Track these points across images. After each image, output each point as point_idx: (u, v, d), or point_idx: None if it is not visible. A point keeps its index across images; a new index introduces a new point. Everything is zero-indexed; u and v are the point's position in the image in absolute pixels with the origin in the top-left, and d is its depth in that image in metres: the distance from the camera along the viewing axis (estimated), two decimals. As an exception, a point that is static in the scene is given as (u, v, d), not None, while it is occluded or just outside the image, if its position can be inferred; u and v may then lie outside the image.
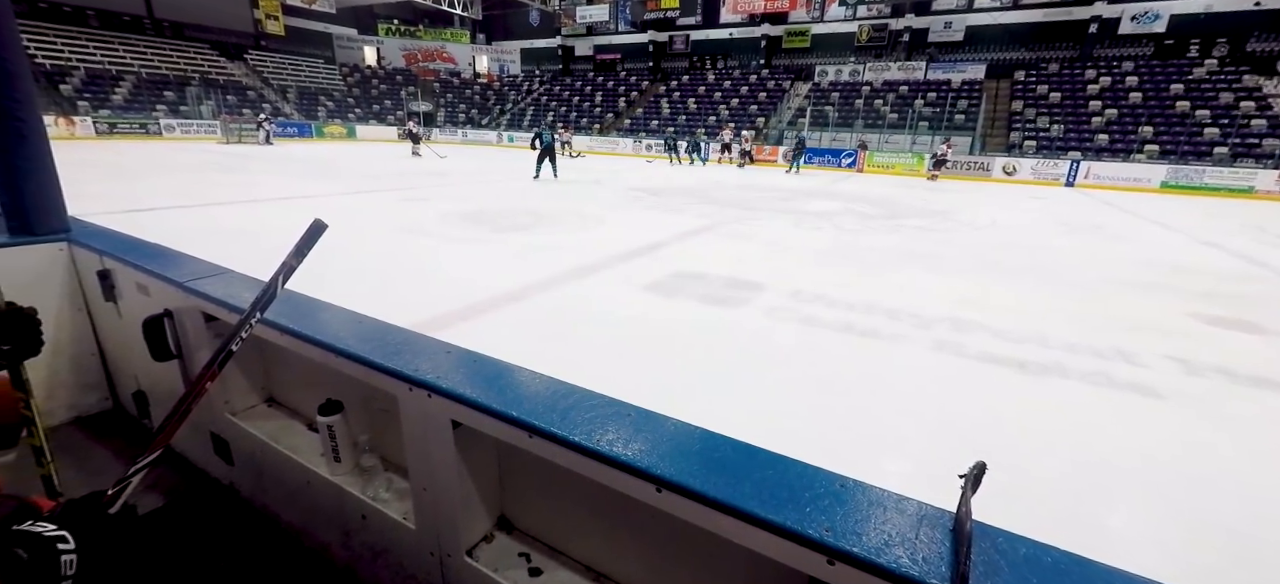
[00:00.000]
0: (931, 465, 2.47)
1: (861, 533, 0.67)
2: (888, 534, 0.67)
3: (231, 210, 8.12)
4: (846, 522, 0.69)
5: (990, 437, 2.78)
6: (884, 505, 0.72)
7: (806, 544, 0.67)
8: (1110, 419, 3.02)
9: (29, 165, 2.07)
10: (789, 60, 29.43)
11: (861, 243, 7.59)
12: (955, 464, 0.76)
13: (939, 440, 2.72)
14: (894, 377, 3.42)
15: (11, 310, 1.20)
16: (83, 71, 23.39)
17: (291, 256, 1.17)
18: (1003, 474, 2.38)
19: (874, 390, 3.25)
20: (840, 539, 0.66)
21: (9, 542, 0.78)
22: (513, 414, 0.97)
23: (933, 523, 0.69)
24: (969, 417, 2.98)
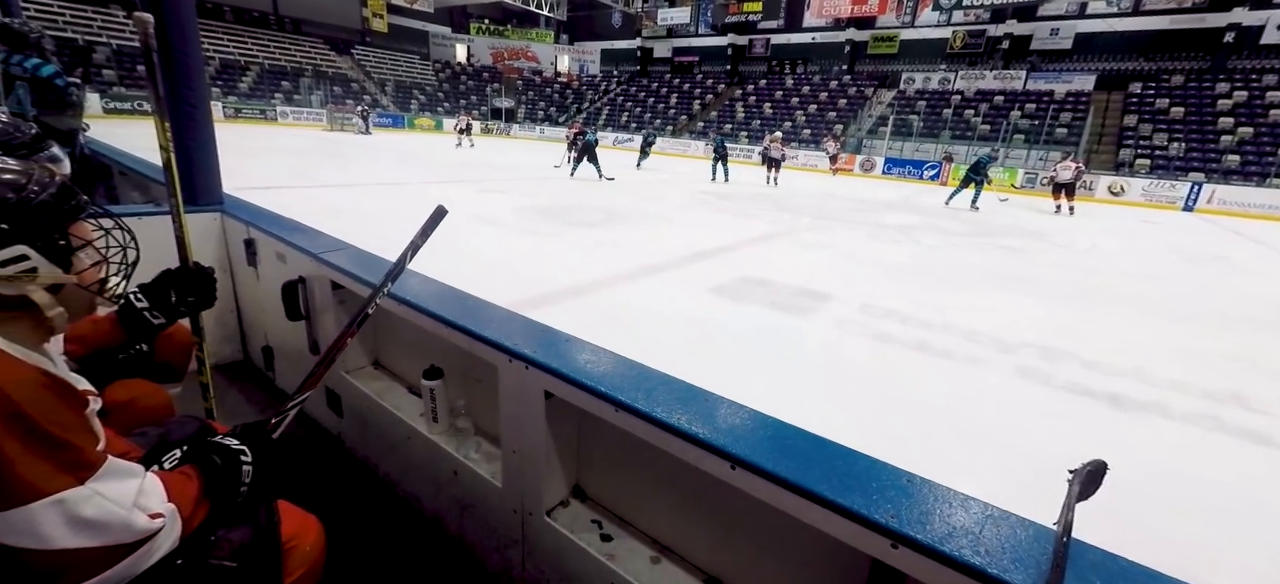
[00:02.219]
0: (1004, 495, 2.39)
1: (926, 523, 0.72)
2: (951, 526, 0.72)
3: (332, 192, 8.93)
4: (911, 511, 0.74)
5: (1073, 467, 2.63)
6: (949, 502, 0.77)
7: (872, 527, 0.74)
8: (1216, 466, 2.76)
9: (197, 147, 2.44)
10: (873, 66, 28.29)
11: (942, 260, 7.24)
12: (1030, 493, 0.79)
13: (1014, 469, 2.60)
14: (969, 400, 3.29)
15: (198, 268, 1.46)
16: (217, 61, 26.30)
17: (417, 238, 1.34)
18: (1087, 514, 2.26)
19: (946, 412, 3.14)
20: (904, 525, 0.72)
21: (209, 450, 0.99)
22: (602, 389, 1.09)
23: (998, 522, 0.73)
24: (1050, 449, 2.83)
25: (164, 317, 1.37)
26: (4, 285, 0.77)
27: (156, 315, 1.35)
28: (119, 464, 0.82)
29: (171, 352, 1.70)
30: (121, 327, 1.33)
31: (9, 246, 0.77)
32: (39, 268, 0.80)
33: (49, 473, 0.73)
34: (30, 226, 0.79)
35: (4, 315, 0.79)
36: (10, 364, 0.75)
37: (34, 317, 0.82)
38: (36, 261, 0.80)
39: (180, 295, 1.39)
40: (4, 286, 0.77)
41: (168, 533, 0.84)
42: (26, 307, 0.81)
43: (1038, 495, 1.06)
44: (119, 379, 1.47)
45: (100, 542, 0.77)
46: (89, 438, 0.82)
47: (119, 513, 0.78)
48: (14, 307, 0.80)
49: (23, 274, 0.79)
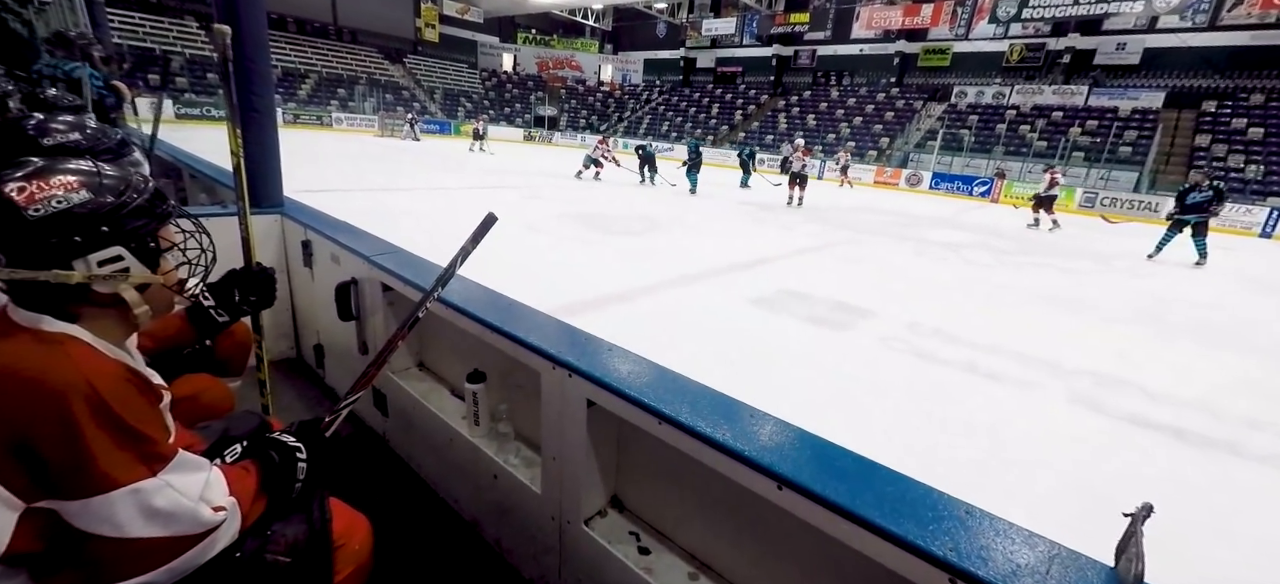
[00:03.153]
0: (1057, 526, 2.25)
1: (987, 559, 0.69)
2: (1015, 564, 0.68)
3: (384, 196, 9.27)
4: (971, 545, 0.71)
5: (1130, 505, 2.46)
6: (1012, 538, 0.73)
7: (929, 560, 0.71)
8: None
9: (262, 152, 2.58)
10: (923, 78, 27.51)
11: (992, 279, 6.94)
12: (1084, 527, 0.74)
13: (1068, 500, 2.46)
14: (1020, 426, 3.13)
15: (261, 269, 1.53)
16: (280, 69, 27.79)
17: (468, 243, 1.37)
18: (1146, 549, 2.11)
19: (995, 437, 3.00)
20: (964, 560, 0.68)
21: (267, 446, 1.03)
22: (645, 400, 1.08)
23: (1065, 564, 0.69)
24: (1107, 480, 2.66)
25: (228, 315, 1.44)
26: (101, 283, 0.82)
27: (222, 313, 1.43)
28: (188, 457, 0.86)
29: (231, 348, 1.79)
30: (190, 324, 1.41)
31: (108, 247, 0.82)
32: (131, 268, 0.85)
33: (128, 463, 0.77)
34: (127, 229, 0.85)
35: (96, 312, 0.85)
36: (98, 359, 0.80)
37: (122, 313, 0.88)
38: (129, 262, 0.85)
39: (243, 294, 1.46)
40: (100, 285, 0.83)
41: (229, 526, 0.88)
42: (118, 304, 0.86)
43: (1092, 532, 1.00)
44: (184, 374, 1.56)
45: (170, 532, 0.80)
46: (163, 431, 0.86)
47: (187, 505, 0.82)
48: (106, 303, 0.85)
49: (118, 273, 0.84)
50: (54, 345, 0.78)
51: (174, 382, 1.49)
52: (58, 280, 0.78)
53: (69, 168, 0.82)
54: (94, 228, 0.81)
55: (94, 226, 0.81)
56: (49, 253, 0.77)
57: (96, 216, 0.81)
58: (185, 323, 1.42)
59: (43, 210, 0.77)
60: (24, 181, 0.77)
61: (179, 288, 0.97)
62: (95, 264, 0.81)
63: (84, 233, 0.80)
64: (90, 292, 0.83)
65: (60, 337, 0.79)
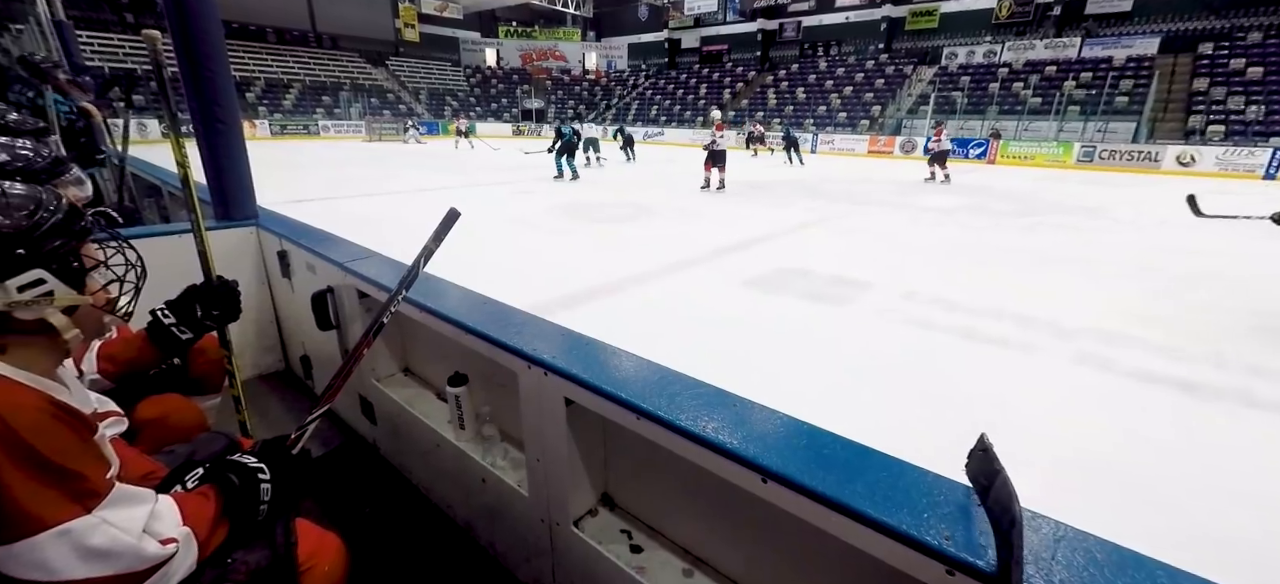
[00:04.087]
0: (1067, 492, 2.20)
1: (988, 545, 0.63)
2: (1019, 552, 0.62)
3: (375, 201, 9.18)
4: (969, 533, 0.65)
5: (1145, 466, 2.41)
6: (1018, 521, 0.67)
7: (924, 551, 0.65)
8: (1318, 462, 2.49)
9: (229, 164, 2.50)
10: (912, 43, 27.18)
11: (989, 241, 6.87)
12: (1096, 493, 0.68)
13: (1075, 464, 2.41)
14: (1023, 390, 3.08)
15: (221, 282, 1.47)
16: (263, 81, 27.51)
17: (431, 241, 1.31)
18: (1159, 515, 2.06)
19: (998, 404, 2.94)
20: (963, 550, 0.62)
21: (226, 469, 0.98)
22: (622, 396, 1.02)
23: (1072, 545, 0.63)
24: (1115, 441, 2.61)
25: (191, 331, 1.38)
26: (24, 310, 0.77)
27: (184, 330, 1.37)
28: (128, 490, 0.81)
29: (205, 366, 1.73)
30: (152, 343, 1.35)
31: (27, 271, 0.77)
32: (55, 290, 0.80)
33: (54, 503, 0.72)
34: (45, 250, 0.79)
35: (21, 341, 0.79)
36: (14, 392, 0.75)
37: (51, 340, 0.82)
38: (53, 284, 0.80)
39: (205, 309, 1.40)
40: (24, 311, 0.77)
41: (182, 558, 0.83)
42: (45, 330, 0.80)
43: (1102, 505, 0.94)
44: (150, 395, 1.49)
45: (111, 571, 0.75)
46: (96, 465, 0.80)
47: (128, 541, 0.77)
48: (32, 331, 0.79)
49: (41, 297, 0.78)
50: None
51: (139, 404, 1.43)
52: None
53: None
54: (9, 251, 0.75)
55: (9, 250, 0.75)
56: None
57: (9, 239, 0.75)
58: (146, 343, 1.36)
59: None
60: None
61: (109, 307, 0.91)
62: (14, 290, 0.76)
63: (3, 258, 0.74)
64: (12, 320, 0.77)
65: None
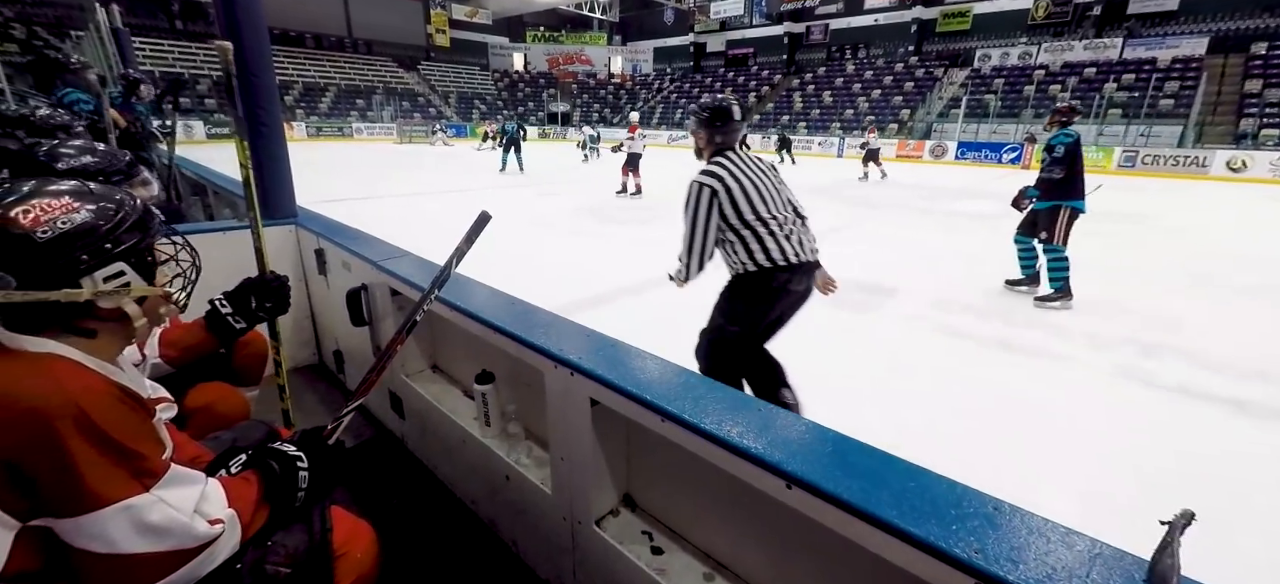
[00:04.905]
0: (1103, 513, 2.13)
1: (1018, 561, 0.62)
2: (1051, 567, 0.61)
3: (399, 202, 9.40)
4: (1000, 546, 0.64)
5: (1186, 487, 2.31)
6: (1047, 536, 0.66)
7: (952, 563, 0.64)
8: (1379, 487, 2.35)
9: (272, 165, 2.60)
10: (943, 45, 26.63)
11: (1024, 249, 6.67)
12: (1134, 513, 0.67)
13: (1113, 483, 2.32)
14: (1058, 403, 2.98)
15: (274, 278, 1.54)
16: (301, 85, 28.43)
17: (462, 243, 1.34)
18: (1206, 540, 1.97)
19: (1031, 417, 2.86)
20: (992, 563, 0.62)
21: (268, 456, 1.02)
22: (647, 397, 1.03)
23: (1109, 565, 0.61)
24: (1157, 460, 2.51)
25: (245, 321, 1.46)
26: (106, 299, 0.84)
27: (239, 320, 1.45)
28: (181, 471, 0.85)
29: (247, 359, 1.81)
30: (210, 332, 1.43)
31: (111, 263, 0.84)
32: (132, 282, 0.87)
33: (117, 480, 0.77)
34: (125, 245, 0.86)
35: (99, 327, 0.85)
36: (85, 376, 0.80)
37: (122, 327, 0.88)
38: (130, 276, 0.86)
39: (259, 302, 1.48)
40: (105, 300, 0.84)
41: (227, 538, 0.87)
42: (120, 318, 0.87)
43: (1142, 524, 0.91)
44: (201, 383, 1.57)
45: (164, 547, 0.80)
46: (155, 446, 0.85)
47: (181, 520, 0.81)
48: (110, 319, 0.86)
49: (120, 288, 0.85)
50: (40, 366, 0.77)
51: (189, 392, 1.52)
52: (68, 299, 0.79)
53: (63, 189, 0.83)
54: (99, 245, 0.82)
55: (99, 244, 0.82)
56: (58, 273, 0.78)
57: (99, 234, 0.82)
58: (206, 332, 1.45)
59: (50, 232, 0.78)
60: (26, 205, 0.78)
61: (167, 298, 0.97)
62: (101, 280, 0.83)
63: (90, 250, 0.81)
64: (95, 308, 0.83)
65: (46, 357, 0.79)
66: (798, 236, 2.36)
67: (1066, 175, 4.26)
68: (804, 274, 2.37)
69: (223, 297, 1.46)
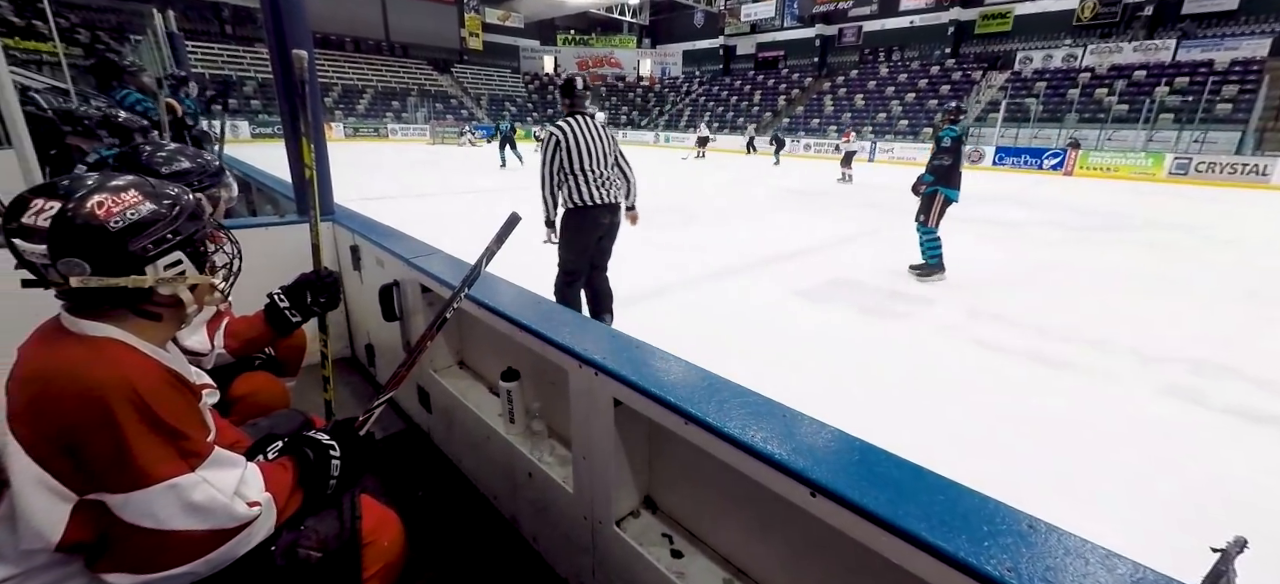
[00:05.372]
0: (1147, 536, 2.03)
1: (1055, 582, 0.59)
2: (1089, 590, 0.58)
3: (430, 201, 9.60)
4: (1035, 567, 0.62)
5: (1237, 512, 2.19)
6: (1086, 558, 0.63)
7: (982, 580, 0.62)
8: None
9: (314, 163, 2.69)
10: (982, 46, 25.88)
11: (1065, 258, 6.43)
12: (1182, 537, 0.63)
13: (1158, 506, 2.21)
14: (1098, 422, 2.86)
15: (329, 274, 1.61)
16: (340, 87, 29.35)
17: (493, 243, 1.37)
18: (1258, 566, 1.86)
19: (1071, 434, 2.75)
20: (1026, 583, 0.59)
21: (302, 444, 1.05)
22: (670, 399, 1.03)
23: (1152, 590, 0.58)
24: (1206, 483, 2.38)
25: (301, 315, 1.53)
26: (165, 285, 0.89)
27: (295, 314, 1.52)
28: (224, 454, 0.89)
29: (288, 351, 1.89)
30: (268, 325, 1.52)
31: (171, 252, 0.89)
32: (187, 270, 0.92)
33: (166, 459, 0.81)
34: (184, 235, 0.91)
35: (156, 311, 0.91)
36: (139, 359, 0.84)
37: (175, 313, 0.94)
38: (186, 265, 0.92)
39: (314, 297, 1.55)
40: (164, 287, 0.89)
41: (264, 520, 0.91)
42: (175, 304, 0.93)
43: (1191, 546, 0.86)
44: (245, 372, 1.65)
45: (206, 526, 0.83)
46: (200, 429, 0.90)
47: (222, 500, 0.85)
48: (167, 304, 0.92)
49: (178, 276, 0.90)
50: (98, 349, 0.82)
51: (235, 381, 1.59)
52: (134, 285, 0.85)
53: (131, 183, 0.88)
54: (162, 235, 0.87)
55: (162, 234, 0.87)
56: (126, 260, 0.84)
57: (162, 224, 0.88)
58: (263, 323, 1.53)
59: (121, 222, 0.83)
60: (100, 198, 0.83)
61: (213, 288, 1.01)
62: (161, 268, 0.88)
63: (155, 240, 0.86)
64: (154, 294, 0.89)
65: (104, 340, 0.84)
66: (610, 184, 3.16)
67: (951, 165, 5.08)
68: (610, 211, 3.23)
69: (281, 291, 1.54)
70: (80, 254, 0.80)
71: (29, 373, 0.80)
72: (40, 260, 0.80)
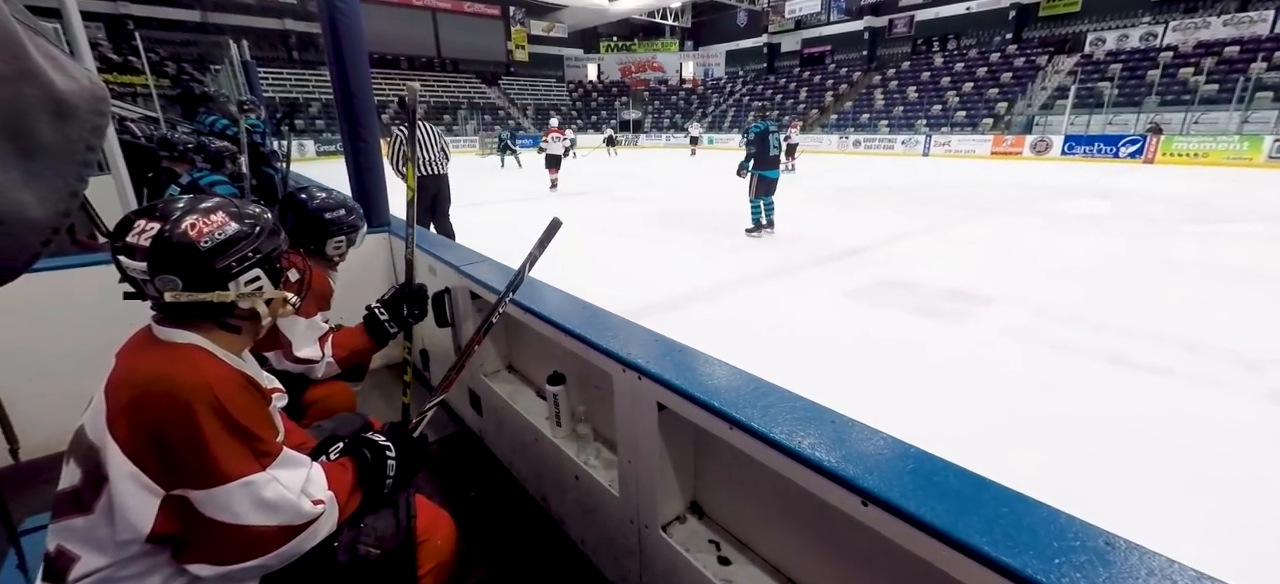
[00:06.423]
0: (1245, 558, 1.84)
1: (1137, 606, 0.55)
2: (1179, 616, 0.53)
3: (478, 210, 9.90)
4: (1114, 587, 0.57)
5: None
6: (1173, 580, 0.57)
7: (1053, 600, 0.57)
8: None
9: (370, 176, 2.84)
10: (1047, 30, 24.34)
11: (1148, 252, 5.94)
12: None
13: (1259, 525, 2.00)
14: (1193, 430, 2.62)
15: (421, 288, 1.72)
16: (395, 103, 30.78)
17: (535, 249, 1.39)
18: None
19: (1155, 446, 2.53)
20: (1105, 606, 0.55)
21: (361, 444, 1.11)
22: (715, 404, 1.02)
23: (1255, 618, 0.52)
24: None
25: (397, 327, 1.63)
26: (245, 300, 0.96)
27: (393, 326, 1.62)
28: (292, 454, 0.95)
29: None
30: (370, 336, 1.64)
31: (252, 270, 0.96)
32: (265, 286, 0.99)
33: (241, 458, 0.87)
34: (263, 254, 0.98)
35: (236, 324, 0.98)
36: (219, 366, 0.91)
37: (251, 325, 1.01)
38: (264, 282, 0.99)
39: (409, 309, 1.66)
40: (245, 301, 0.96)
41: (328, 517, 0.96)
42: (252, 317, 1.00)
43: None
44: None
45: (276, 522, 0.88)
46: (271, 430, 0.96)
47: (291, 498, 0.90)
48: (246, 318, 0.99)
49: (256, 291, 0.98)
50: (183, 355, 0.90)
51: (308, 387, 1.70)
52: (219, 299, 0.92)
53: (219, 205, 0.96)
54: (244, 253, 0.95)
55: (244, 251, 0.95)
56: (213, 277, 0.91)
57: (244, 244, 0.95)
58: (365, 334, 1.66)
59: (211, 242, 0.91)
60: (193, 219, 0.91)
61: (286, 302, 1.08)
62: (243, 284, 0.95)
63: (238, 258, 0.94)
64: (235, 308, 0.96)
65: (188, 347, 0.91)
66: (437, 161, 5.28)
67: (758, 152, 6.69)
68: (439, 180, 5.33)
69: (379, 303, 1.65)
70: (174, 271, 0.88)
71: (124, 378, 0.87)
72: (140, 276, 0.88)
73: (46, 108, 0.46)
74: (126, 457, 0.82)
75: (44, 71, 0.45)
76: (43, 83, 0.45)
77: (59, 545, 0.86)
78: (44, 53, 0.46)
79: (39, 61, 0.45)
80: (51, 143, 0.46)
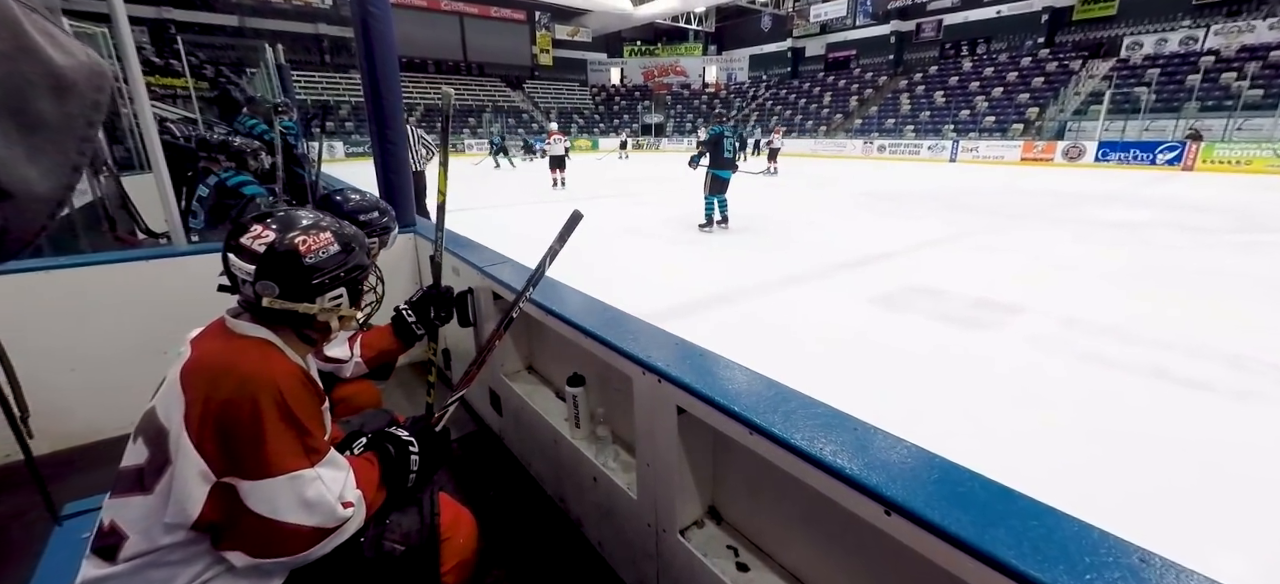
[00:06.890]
0: (1299, 582, 1.75)
1: (1173, 626, 0.53)
2: (1218, 637, 0.51)
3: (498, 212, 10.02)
4: (1149, 607, 0.55)
5: None
6: (1214, 602, 0.55)
7: (1085, 618, 0.56)
8: None
9: (397, 179, 2.89)
10: (1080, 34, 23.68)
11: (1187, 263, 5.72)
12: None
13: (1316, 550, 1.91)
14: (1235, 448, 2.51)
15: (449, 291, 1.76)
16: (422, 107, 31.40)
17: (555, 243, 1.40)
18: None
19: (1194, 462, 2.43)
20: (1138, 625, 0.53)
21: (385, 440, 1.13)
22: (735, 409, 1.01)
23: (1302, 645, 0.50)
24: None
25: (424, 330, 1.67)
26: (325, 314, 1.02)
27: (419, 328, 1.66)
28: (336, 456, 0.98)
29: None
30: (397, 338, 1.67)
31: (336, 288, 1.02)
32: (343, 304, 1.04)
33: (294, 453, 0.90)
34: (349, 275, 1.03)
35: (311, 335, 1.04)
36: (286, 363, 0.96)
37: (323, 337, 1.07)
38: (344, 300, 1.04)
39: (436, 311, 1.70)
40: (324, 315, 1.02)
41: (356, 517, 0.98)
42: (325, 329, 1.05)
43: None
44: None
45: (313, 522, 0.91)
46: (322, 429, 0.99)
47: (329, 499, 0.92)
48: (319, 329, 1.04)
49: (335, 307, 1.03)
50: (254, 347, 0.95)
51: (336, 385, 1.74)
52: (304, 311, 0.98)
53: (328, 226, 1.02)
54: (335, 273, 1.00)
55: (336, 272, 1.00)
56: (305, 289, 0.97)
57: (338, 264, 1.01)
58: (392, 336, 1.69)
59: (314, 258, 0.97)
60: (303, 235, 0.97)
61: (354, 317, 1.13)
62: (327, 300, 1.01)
63: (329, 276, 0.99)
64: (314, 320, 1.02)
65: (259, 341, 0.96)
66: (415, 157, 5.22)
67: (712, 153, 7.32)
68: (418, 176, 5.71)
69: (407, 305, 1.68)
70: (275, 278, 0.94)
71: (198, 364, 0.91)
72: (245, 276, 0.94)
73: (46, 83, 0.46)
74: (191, 443, 0.85)
75: (41, 47, 0.45)
76: (41, 58, 0.45)
77: (113, 521, 0.90)
78: (40, 29, 0.46)
79: (36, 38, 0.45)
80: (52, 118, 0.47)
